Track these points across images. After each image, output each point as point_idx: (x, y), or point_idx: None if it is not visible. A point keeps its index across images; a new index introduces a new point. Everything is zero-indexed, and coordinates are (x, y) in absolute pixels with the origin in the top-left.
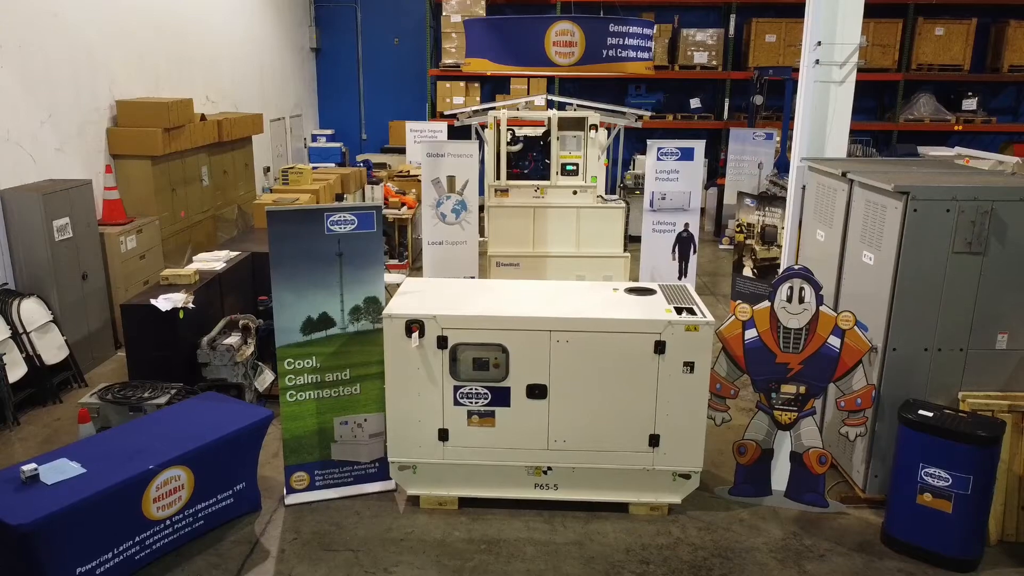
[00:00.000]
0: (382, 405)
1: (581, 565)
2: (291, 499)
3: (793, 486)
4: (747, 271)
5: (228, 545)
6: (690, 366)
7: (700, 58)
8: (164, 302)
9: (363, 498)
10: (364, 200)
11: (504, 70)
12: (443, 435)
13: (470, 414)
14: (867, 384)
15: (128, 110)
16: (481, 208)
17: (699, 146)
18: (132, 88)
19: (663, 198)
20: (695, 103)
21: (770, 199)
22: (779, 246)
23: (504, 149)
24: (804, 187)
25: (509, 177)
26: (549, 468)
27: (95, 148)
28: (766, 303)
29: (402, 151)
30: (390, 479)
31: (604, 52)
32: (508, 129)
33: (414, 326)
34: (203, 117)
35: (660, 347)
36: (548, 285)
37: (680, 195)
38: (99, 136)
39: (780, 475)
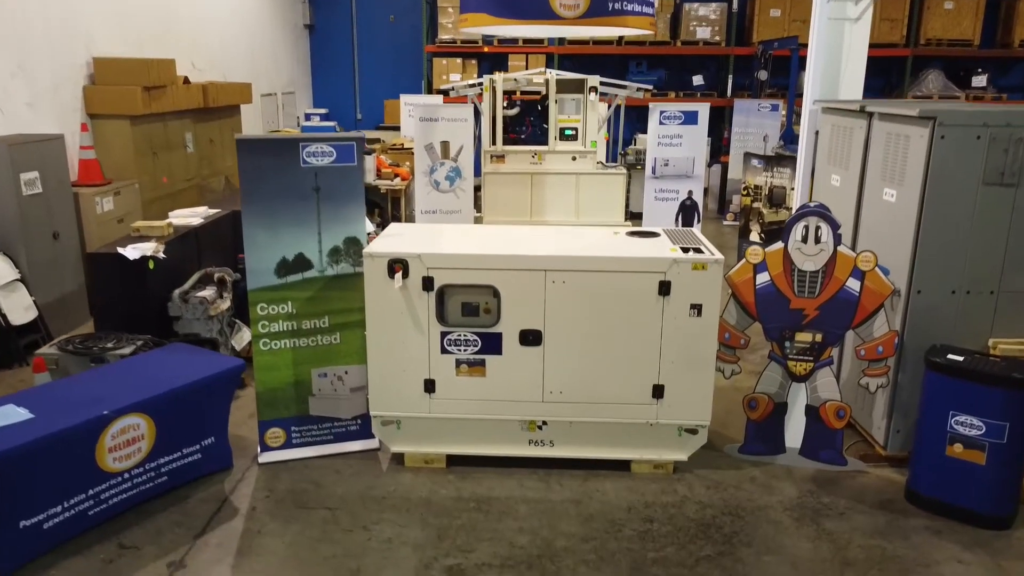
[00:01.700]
0: (364, 356)
1: (579, 523)
2: (265, 457)
3: (808, 443)
4: (754, 236)
5: (194, 503)
6: (697, 309)
7: (703, 33)
8: (132, 251)
9: (344, 457)
10: None
11: (503, 23)
12: (429, 386)
13: (459, 363)
14: (889, 330)
15: (106, 68)
16: (477, 189)
17: (703, 109)
18: (112, 50)
19: (666, 164)
20: (698, 80)
21: (778, 159)
22: (788, 208)
23: (500, 113)
24: (817, 133)
25: (505, 142)
26: (544, 423)
27: (71, 106)
28: (779, 244)
29: (397, 129)
30: (374, 437)
31: (610, 5)
32: (504, 93)
33: (397, 266)
34: (187, 80)
35: (665, 288)
36: (543, 228)
37: (683, 161)
38: (75, 94)
39: (794, 431)
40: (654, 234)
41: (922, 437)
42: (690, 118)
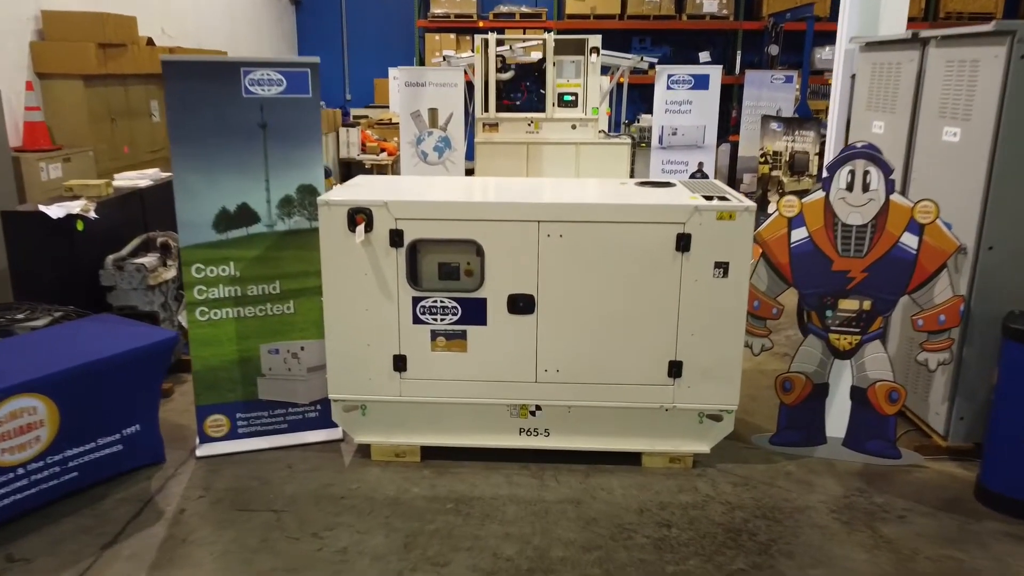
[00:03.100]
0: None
1: (579, 528)
2: (204, 450)
3: (854, 431)
4: (773, 208)
5: (111, 504)
6: (723, 268)
7: (710, 7)
8: (56, 209)
9: (301, 449)
10: (338, 147)
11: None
12: (399, 364)
13: (435, 335)
14: (953, 295)
15: (56, 22)
16: (470, 173)
17: (715, 72)
18: (65, 4)
19: (674, 133)
20: (704, 57)
21: (800, 121)
22: (811, 176)
23: (493, 77)
24: (853, 77)
25: (499, 109)
26: (538, 407)
27: (15, 63)
28: (819, 193)
29: (387, 108)
30: (337, 426)
31: None
32: (498, 56)
33: (359, 216)
34: (151, 42)
35: (684, 242)
36: (537, 179)
37: (693, 130)
38: (20, 50)
39: (837, 418)
40: (669, 184)
41: (998, 423)
42: (700, 82)
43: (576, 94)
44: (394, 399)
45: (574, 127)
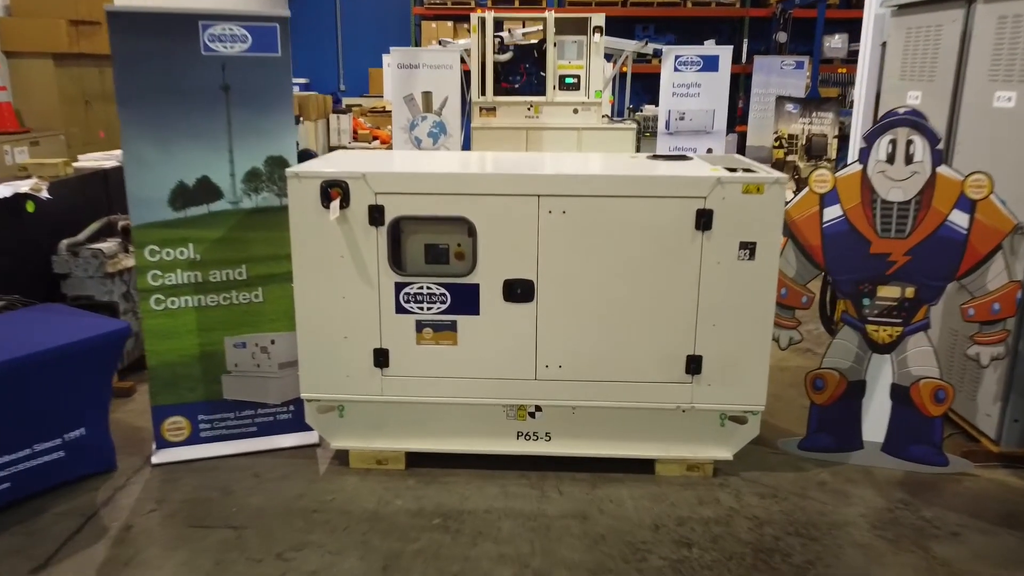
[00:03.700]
0: None
1: (585, 548)
2: (161, 456)
3: (894, 435)
4: (788, 195)
5: (49, 519)
6: (750, 249)
7: None
8: (3, 188)
9: (272, 455)
10: (328, 134)
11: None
12: (381, 358)
13: (421, 326)
14: (1009, 281)
15: None
16: None
17: (725, 52)
18: None
19: (681, 118)
20: (709, 45)
21: (818, 102)
22: (829, 160)
23: (490, 58)
24: (884, 44)
25: (497, 92)
26: (537, 408)
27: None
28: (855, 166)
29: (382, 97)
30: (312, 429)
31: None
32: (496, 37)
33: (334, 190)
34: None
35: (705, 219)
36: (536, 153)
37: (702, 114)
38: None
39: (875, 420)
40: (685, 157)
41: None
42: (709, 64)
43: (578, 76)
44: (375, 399)
45: (576, 111)
